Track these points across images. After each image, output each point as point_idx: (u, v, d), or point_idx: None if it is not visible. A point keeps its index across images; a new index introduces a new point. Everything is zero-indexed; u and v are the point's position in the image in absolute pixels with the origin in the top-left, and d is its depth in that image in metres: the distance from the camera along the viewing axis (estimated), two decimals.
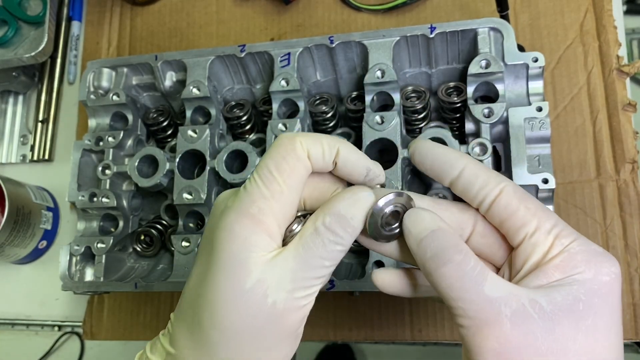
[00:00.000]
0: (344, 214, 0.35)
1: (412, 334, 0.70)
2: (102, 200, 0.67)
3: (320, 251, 0.34)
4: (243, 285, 0.34)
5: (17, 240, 0.79)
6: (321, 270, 0.35)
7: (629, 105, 0.68)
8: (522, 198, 0.36)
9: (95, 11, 0.92)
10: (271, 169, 0.35)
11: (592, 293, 0.33)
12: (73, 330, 0.86)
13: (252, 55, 0.67)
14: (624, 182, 0.66)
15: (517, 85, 0.61)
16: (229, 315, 0.34)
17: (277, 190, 0.34)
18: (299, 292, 0.35)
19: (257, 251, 0.34)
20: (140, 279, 0.67)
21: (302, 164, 0.35)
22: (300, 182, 0.36)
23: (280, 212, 0.35)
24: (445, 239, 0.34)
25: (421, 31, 0.61)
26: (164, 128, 0.73)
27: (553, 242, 0.35)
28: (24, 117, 0.94)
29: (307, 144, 0.35)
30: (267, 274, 0.34)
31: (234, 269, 0.34)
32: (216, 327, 0.35)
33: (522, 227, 0.35)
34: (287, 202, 0.35)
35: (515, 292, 0.33)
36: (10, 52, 0.81)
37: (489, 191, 0.36)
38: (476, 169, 0.37)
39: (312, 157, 0.36)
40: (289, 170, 0.35)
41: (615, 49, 0.70)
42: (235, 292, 0.34)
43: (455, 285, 0.33)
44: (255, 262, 0.34)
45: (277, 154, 0.35)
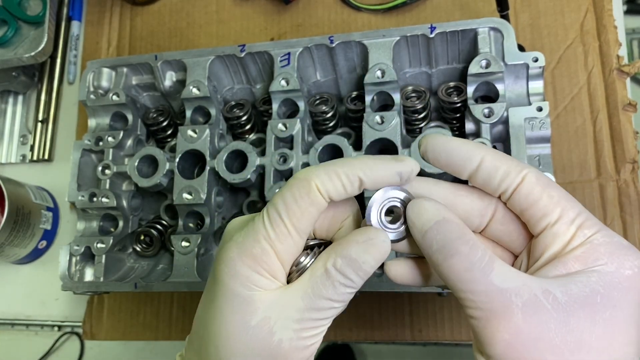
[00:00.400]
0: (356, 258, 0.34)
1: (412, 334, 0.70)
2: (101, 200, 0.67)
3: (330, 293, 0.34)
4: (249, 322, 0.34)
5: (17, 240, 0.79)
6: (329, 312, 0.34)
7: (629, 105, 0.68)
8: (545, 186, 0.34)
9: (95, 11, 0.92)
10: (280, 211, 0.34)
11: (612, 286, 0.31)
12: (73, 330, 0.86)
13: (252, 55, 0.66)
14: (624, 182, 0.66)
15: (517, 85, 0.60)
16: (235, 350, 0.34)
17: (283, 233, 0.34)
18: (306, 332, 0.34)
19: (259, 289, 0.34)
20: (140, 279, 0.66)
21: (315, 207, 0.34)
22: (311, 224, 0.35)
23: (285, 253, 0.35)
24: (450, 230, 0.33)
25: (421, 31, 0.61)
26: (164, 128, 0.73)
27: (575, 233, 0.33)
28: (23, 117, 0.93)
29: (325, 186, 0.34)
30: (274, 311, 0.34)
31: (240, 305, 0.34)
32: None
33: (544, 216, 0.34)
34: (293, 243, 0.35)
35: (527, 282, 0.32)
36: (10, 52, 0.81)
37: (511, 181, 0.34)
38: (495, 160, 0.35)
39: (332, 196, 0.34)
40: (300, 213, 0.34)
41: (615, 49, 0.70)
42: (240, 328, 0.34)
43: (463, 276, 0.32)
44: (260, 299, 0.34)
45: (290, 195, 0.34)
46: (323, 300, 0.34)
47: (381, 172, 0.35)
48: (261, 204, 0.68)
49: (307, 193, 0.34)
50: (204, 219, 0.66)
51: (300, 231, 0.34)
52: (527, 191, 0.34)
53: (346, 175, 0.34)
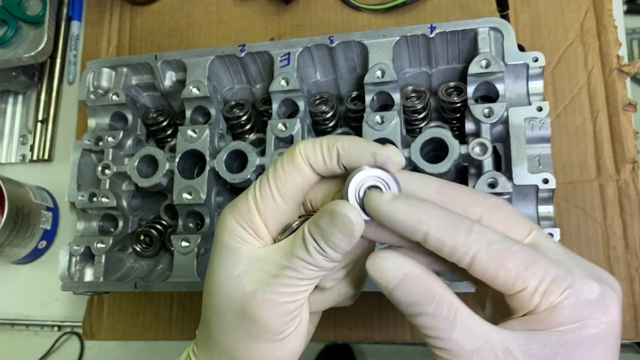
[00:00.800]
0: (324, 228, 0.34)
1: (412, 334, 0.70)
2: (101, 200, 0.67)
3: (305, 256, 0.35)
4: (232, 272, 0.37)
5: (17, 240, 0.79)
6: (306, 273, 0.36)
7: (629, 105, 0.68)
8: (498, 260, 0.32)
9: (95, 11, 0.92)
10: (268, 175, 0.37)
11: (573, 346, 0.31)
12: (73, 330, 0.86)
13: (252, 55, 0.66)
14: (625, 182, 0.66)
15: (517, 85, 0.60)
16: (218, 297, 0.37)
17: (267, 194, 0.37)
18: (281, 287, 0.36)
19: (245, 243, 0.37)
20: (140, 279, 0.66)
21: (297, 171, 0.37)
22: (294, 189, 0.37)
23: (268, 214, 0.37)
24: (414, 288, 0.33)
25: (421, 31, 0.61)
26: (164, 128, 0.73)
27: (540, 302, 0.32)
28: (23, 117, 0.93)
29: (305, 151, 0.36)
30: (254, 265, 0.36)
31: (226, 257, 0.37)
32: (209, 306, 0.38)
33: (506, 290, 0.33)
34: (277, 206, 0.37)
35: (490, 338, 0.32)
36: (9, 52, 0.81)
37: (458, 259, 0.33)
38: (440, 235, 0.33)
39: (312, 163, 0.36)
40: (284, 178, 0.37)
41: (615, 49, 0.70)
42: (225, 277, 0.37)
43: (430, 333, 0.33)
44: (245, 252, 0.37)
45: (279, 161, 0.37)
46: (299, 261, 0.35)
47: (357, 148, 0.36)
48: None
49: (291, 158, 0.37)
50: (204, 219, 0.66)
51: (283, 195, 0.37)
52: (480, 271, 0.33)
53: (327, 145, 0.36)
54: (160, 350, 0.82)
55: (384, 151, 0.36)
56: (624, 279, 0.64)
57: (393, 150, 0.36)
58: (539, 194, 0.56)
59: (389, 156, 0.35)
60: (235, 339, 0.38)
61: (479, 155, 0.57)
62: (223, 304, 0.37)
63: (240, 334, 0.37)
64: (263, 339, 0.37)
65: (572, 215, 0.67)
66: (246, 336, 0.37)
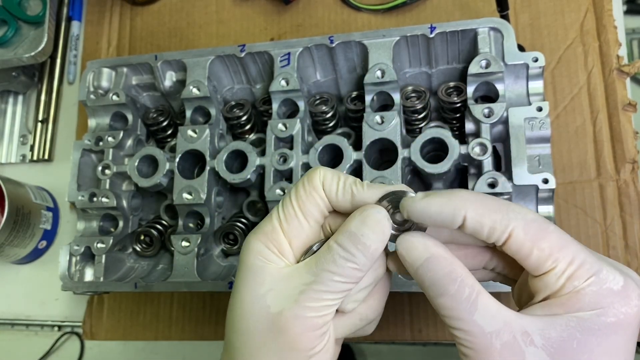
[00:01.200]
0: (355, 231, 0.36)
1: (412, 334, 0.70)
2: (101, 200, 0.67)
3: (331, 266, 0.36)
4: (258, 291, 0.37)
5: (17, 240, 0.79)
6: (332, 285, 0.36)
7: (629, 105, 0.68)
8: (535, 239, 0.34)
9: (95, 11, 0.92)
10: (291, 196, 0.39)
11: (590, 332, 0.32)
12: (73, 330, 0.86)
13: (252, 55, 0.66)
14: (624, 182, 0.66)
15: (517, 85, 0.60)
16: (243, 319, 0.37)
17: (290, 214, 0.38)
18: (309, 302, 0.36)
19: (269, 263, 0.38)
20: (140, 279, 0.66)
21: (316, 191, 0.38)
22: (315, 208, 0.38)
23: (292, 233, 0.38)
24: (439, 268, 0.35)
25: (421, 31, 0.61)
26: (164, 128, 0.73)
27: (564, 284, 0.34)
28: (23, 117, 0.93)
29: (323, 176, 0.38)
30: (280, 284, 0.37)
31: (251, 278, 0.38)
32: (234, 330, 0.38)
33: (535, 270, 0.34)
34: (301, 225, 0.38)
35: (509, 321, 0.33)
36: (10, 52, 0.81)
37: (497, 237, 0.34)
38: (478, 216, 0.34)
39: (326, 190, 0.38)
40: (304, 197, 0.38)
41: (615, 49, 0.70)
42: (250, 297, 0.37)
43: (451, 314, 0.34)
44: (270, 272, 0.37)
45: (300, 183, 0.39)
46: (325, 273, 0.36)
47: (368, 195, 0.37)
48: (261, 204, 0.68)
49: (311, 180, 0.38)
50: (204, 219, 0.66)
51: (305, 214, 0.38)
52: (516, 247, 0.34)
53: (344, 182, 0.38)
54: (161, 350, 0.82)
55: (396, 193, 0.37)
56: None
57: (402, 192, 0.37)
58: (539, 194, 0.57)
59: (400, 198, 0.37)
60: (266, 358, 0.37)
61: (478, 155, 0.57)
62: (249, 325, 0.37)
63: (270, 354, 0.37)
64: (294, 357, 0.37)
65: (572, 215, 0.67)
66: (276, 356, 0.37)
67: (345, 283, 0.36)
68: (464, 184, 0.62)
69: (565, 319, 0.33)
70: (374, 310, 0.41)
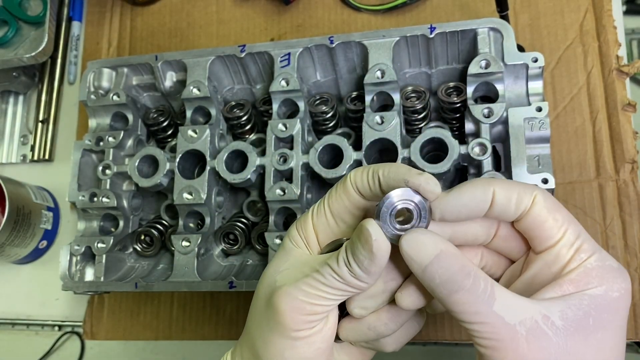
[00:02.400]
0: (354, 242, 0.36)
1: None
2: (102, 200, 0.68)
3: (332, 263, 0.37)
4: (279, 268, 0.41)
5: (18, 240, 0.79)
6: (330, 280, 0.37)
7: (628, 105, 0.68)
8: (551, 208, 0.36)
9: (96, 11, 0.92)
10: (326, 196, 0.42)
11: (601, 308, 0.34)
12: (73, 330, 0.86)
13: (252, 56, 0.67)
14: (624, 182, 0.66)
15: (516, 85, 0.61)
16: (260, 289, 0.41)
17: (322, 211, 0.41)
18: (304, 285, 0.37)
19: (297, 247, 0.41)
20: (140, 278, 0.67)
21: (346, 194, 0.40)
22: (343, 209, 0.40)
23: (320, 228, 0.41)
24: (451, 264, 0.34)
25: (421, 31, 0.61)
26: (164, 128, 0.73)
27: (573, 256, 0.35)
28: (24, 117, 0.93)
29: (354, 178, 0.40)
30: (297, 265, 0.40)
31: (281, 255, 0.42)
32: (254, 298, 0.42)
33: (548, 238, 0.36)
34: (328, 222, 0.41)
35: (528, 308, 0.34)
36: (10, 52, 0.81)
37: (525, 206, 0.36)
38: (505, 190, 0.36)
39: (360, 188, 0.39)
40: (334, 198, 0.41)
41: (615, 49, 0.70)
42: (272, 272, 0.41)
43: (469, 309, 0.34)
44: (294, 254, 0.41)
45: (334, 186, 0.41)
46: (327, 268, 0.37)
47: (394, 175, 0.37)
48: (261, 204, 0.68)
49: (343, 183, 0.40)
50: (204, 219, 0.66)
51: (333, 213, 0.41)
52: (535, 214, 0.36)
53: (371, 172, 0.39)
54: (161, 350, 0.82)
55: (416, 179, 0.36)
56: None
57: (425, 178, 0.36)
58: None
59: (420, 184, 0.36)
60: (258, 327, 0.40)
61: (478, 156, 0.57)
62: (261, 293, 0.41)
63: (264, 322, 0.39)
64: (276, 330, 0.38)
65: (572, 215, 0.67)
66: (265, 324, 0.39)
67: (343, 284, 0.37)
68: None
69: (578, 298, 0.34)
70: (384, 324, 0.40)
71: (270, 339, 0.39)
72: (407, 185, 0.37)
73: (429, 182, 0.36)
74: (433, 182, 0.37)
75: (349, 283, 0.37)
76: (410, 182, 0.36)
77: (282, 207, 0.63)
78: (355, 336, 0.41)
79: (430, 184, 0.36)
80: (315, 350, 0.39)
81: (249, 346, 0.41)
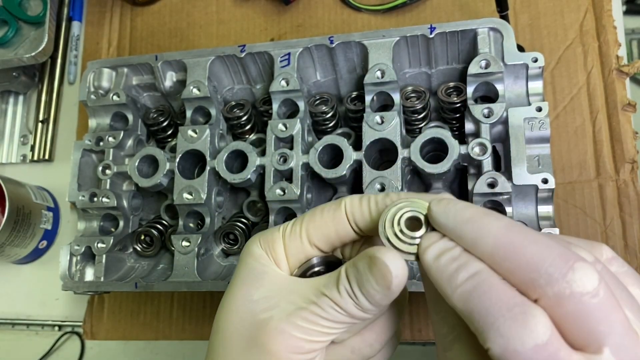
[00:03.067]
0: (361, 271, 0.31)
1: (412, 333, 0.70)
2: (102, 200, 0.68)
3: (334, 294, 0.32)
4: (252, 296, 0.35)
5: (18, 240, 0.79)
6: (331, 313, 0.33)
7: (628, 105, 0.68)
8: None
9: (96, 11, 0.92)
10: (304, 217, 0.36)
11: None
12: (73, 330, 0.86)
13: (252, 56, 0.67)
14: (624, 182, 0.66)
15: (516, 85, 0.61)
16: (230, 323, 0.35)
17: (296, 233, 0.36)
18: (300, 320, 0.33)
19: (270, 269, 0.35)
20: (140, 278, 0.67)
21: (334, 223, 0.35)
22: (323, 237, 0.35)
23: (292, 252, 0.36)
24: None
25: (421, 31, 0.61)
26: (164, 128, 0.73)
27: None
28: (24, 117, 0.93)
29: (351, 206, 0.34)
30: (278, 292, 0.34)
31: (248, 280, 0.35)
32: (218, 330, 0.35)
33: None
34: (303, 246, 0.36)
35: None
36: (10, 52, 0.81)
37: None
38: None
39: (357, 219, 0.34)
40: (315, 223, 0.35)
41: (614, 49, 0.70)
42: (243, 300, 0.35)
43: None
44: (270, 278, 0.35)
45: (320, 207, 0.36)
46: (327, 299, 0.32)
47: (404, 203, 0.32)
48: (261, 204, 0.68)
49: (334, 209, 0.35)
50: (204, 219, 0.66)
51: (310, 239, 0.35)
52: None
53: (376, 200, 0.34)
54: (161, 350, 0.82)
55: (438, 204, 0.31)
56: None
57: (447, 200, 0.31)
58: (539, 194, 0.57)
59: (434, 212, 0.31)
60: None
61: (478, 156, 0.57)
62: (234, 329, 0.34)
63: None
64: None
65: (572, 215, 0.67)
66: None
67: (346, 317, 0.33)
68: (464, 184, 0.62)
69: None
70: (369, 345, 0.36)
71: None
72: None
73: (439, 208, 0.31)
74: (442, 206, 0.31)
75: (354, 316, 0.32)
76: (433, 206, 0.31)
77: (282, 207, 0.63)
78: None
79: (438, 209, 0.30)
80: None
81: None
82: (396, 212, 0.32)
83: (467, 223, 0.29)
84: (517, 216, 0.57)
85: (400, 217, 0.32)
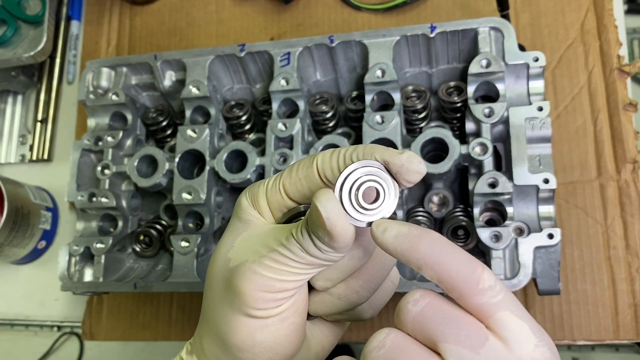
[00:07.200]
0: (312, 215, 0.32)
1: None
2: (101, 200, 0.67)
3: (299, 236, 0.33)
4: (233, 242, 0.37)
5: (16, 241, 0.79)
6: (300, 254, 0.34)
7: (629, 105, 0.68)
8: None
9: (95, 10, 0.92)
10: (283, 173, 0.38)
11: None
12: (72, 330, 0.86)
13: (251, 55, 0.66)
14: (625, 182, 0.66)
15: (517, 84, 0.60)
16: (215, 267, 0.38)
17: (276, 189, 0.38)
18: (268, 261, 0.34)
19: (255, 219, 0.38)
20: (139, 279, 0.66)
21: (306, 180, 0.36)
22: (299, 194, 0.37)
23: (274, 206, 0.38)
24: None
25: (421, 30, 0.61)
26: (164, 128, 0.73)
27: None
28: (23, 117, 0.93)
29: (322, 163, 0.35)
30: (257, 236, 0.37)
31: (235, 228, 0.38)
32: (206, 277, 0.39)
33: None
34: (284, 200, 0.37)
35: None
36: (9, 52, 0.81)
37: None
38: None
39: (327, 175, 0.35)
40: (291, 181, 0.37)
41: (616, 49, 0.69)
42: (226, 247, 0.38)
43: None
44: (254, 224, 0.38)
45: (296, 164, 0.37)
46: (293, 241, 0.34)
47: (368, 155, 0.34)
48: None
49: (306, 167, 0.36)
50: (203, 219, 0.66)
51: (289, 194, 0.37)
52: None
53: (343, 156, 0.35)
54: (160, 350, 0.82)
55: (397, 159, 0.32)
56: (624, 279, 0.64)
57: (408, 157, 0.32)
58: (540, 194, 0.56)
59: (403, 164, 0.32)
60: (220, 312, 0.36)
61: (479, 155, 0.57)
62: (216, 274, 0.37)
63: (226, 306, 0.36)
64: (242, 311, 0.35)
65: (573, 215, 0.67)
66: (229, 307, 0.36)
67: (315, 259, 0.34)
68: (465, 184, 0.62)
69: None
70: (356, 292, 0.37)
71: (237, 322, 0.35)
72: (388, 167, 0.32)
73: (412, 160, 0.32)
74: (417, 160, 0.32)
75: (318, 257, 0.33)
76: (391, 165, 0.32)
77: None
78: (325, 309, 0.38)
79: (414, 163, 0.32)
80: (289, 325, 0.36)
81: (211, 334, 0.38)
82: (355, 179, 0.33)
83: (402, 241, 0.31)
84: (518, 216, 0.57)
85: (358, 185, 0.33)
